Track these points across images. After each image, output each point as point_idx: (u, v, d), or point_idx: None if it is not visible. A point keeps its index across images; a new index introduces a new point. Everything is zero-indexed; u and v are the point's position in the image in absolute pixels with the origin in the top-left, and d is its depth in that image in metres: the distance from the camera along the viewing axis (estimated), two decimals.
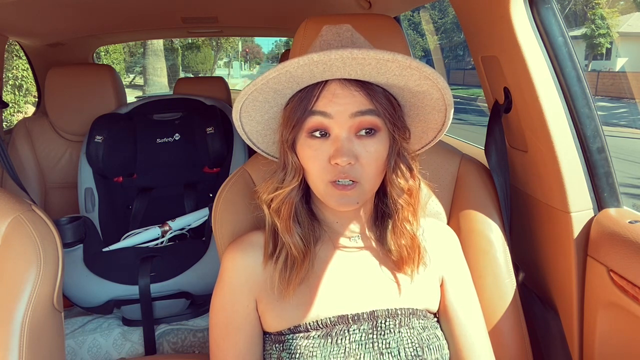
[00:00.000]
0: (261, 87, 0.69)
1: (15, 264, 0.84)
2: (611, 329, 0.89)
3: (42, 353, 0.85)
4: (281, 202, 0.74)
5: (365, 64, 0.65)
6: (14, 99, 6.44)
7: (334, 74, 0.67)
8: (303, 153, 0.71)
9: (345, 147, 0.67)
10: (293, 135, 0.72)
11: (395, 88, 0.71)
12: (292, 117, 0.71)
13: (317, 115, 0.69)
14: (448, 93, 0.70)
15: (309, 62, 0.63)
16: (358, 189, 0.69)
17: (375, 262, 0.79)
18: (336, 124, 0.68)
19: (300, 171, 0.73)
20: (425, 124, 0.77)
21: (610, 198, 0.94)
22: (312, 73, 0.66)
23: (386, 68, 0.66)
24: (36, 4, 1.60)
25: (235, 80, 21.45)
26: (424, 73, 0.67)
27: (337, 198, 0.69)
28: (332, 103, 0.68)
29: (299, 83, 0.69)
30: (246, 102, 0.72)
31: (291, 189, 0.74)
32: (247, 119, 0.76)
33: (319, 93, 0.69)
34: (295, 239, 0.74)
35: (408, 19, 7.41)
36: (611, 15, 16.19)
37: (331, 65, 0.64)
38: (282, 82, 0.68)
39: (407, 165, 0.74)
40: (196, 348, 1.58)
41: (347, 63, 0.64)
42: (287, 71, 0.65)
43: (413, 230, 0.77)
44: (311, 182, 0.73)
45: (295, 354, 0.72)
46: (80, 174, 1.85)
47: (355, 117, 0.68)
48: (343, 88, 0.68)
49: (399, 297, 0.77)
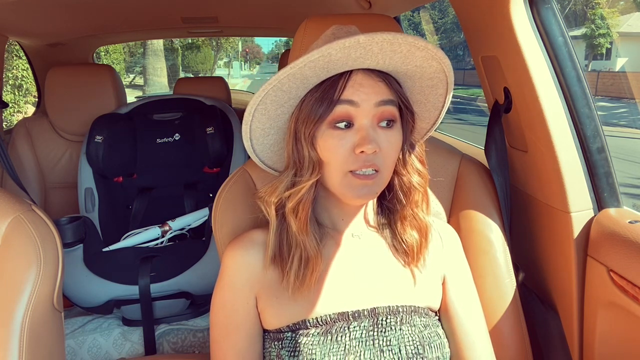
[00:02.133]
0: (293, 72, 0.67)
1: (15, 264, 0.84)
2: (611, 329, 0.89)
3: (42, 353, 0.85)
4: (299, 201, 0.73)
5: (397, 52, 0.67)
6: (14, 99, 6.44)
7: (365, 61, 0.68)
8: (325, 145, 0.70)
9: (371, 135, 0.69)
10: (314, 130, 0.71)
11: (409, 81, 0.75)
12: (314, 110, 0.70)
13: (344, 104, 0.69)
14: (451, 88, 0.75)
15: (354, 44, 0.64)
16: (378, 178, 0.70)
17: (377, 259, 0.79)
18: (362, 113, 0.69)
19: (319, 165, 0.72)
20: (426, 102, 0.79)
21: (610, 198, 0.94)
22: (348, 59, 0.67)
23: (413, 57, 0.68)
24: (36, 4, 1.60)
25: (235, 80, 21.44)
26: (443, 64, 0.71)
27: (358, 189, 0.70)
28: (358, 92, 0.69)
29: (328, 70, 0.69)
30: (271, 92, 0.69)
31: (311, 185, 0.72)
32: (260, 113, 0.73)
33: (345, 83, 0.70)
34: (311, 239, 0.74)
35: (408, 19, 7.40)
36: (611, 15, 16.19)
37: (369, 49, 0.65)
38: (316, 67, 0.67)
39: (417, 155, 0.77)
40: (196, 348, 1.58)
41: (384, 49, 0.66)
42: (329, 54, 0.65)
43: (425, 219, 0.78)
44: (329, 175, 0.72)
45: (294, 351, 0.72)
46: (80, 174, 1.85)
47: (379, 107, 0.70)
48: (367, 78, 0.70)
49: (400, 295, 0.77)
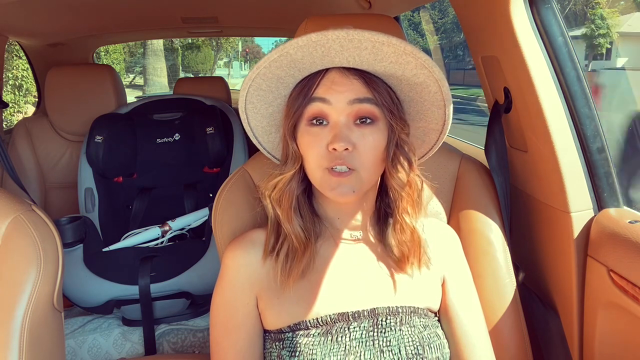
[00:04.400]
0: (264, 73, 0.70)
1: (15, 264, 0.84)
2: (611, 329, 0.89)
3: (42, 353, 0.85)
4: (282, 191, 0.75)
5: (362, 48, 0.66)
6: (14, 99, 6.45)
7: (332, 59, 0.69)
8: (302, 140, 0.72)
9: (343, 133, 0.69)
10: (293, 123, 0.73)
11: (393, 79, 0.72)
12: (293, 105, 0.73)
13: (317, 102, 0.71)
14: (445, 85, 0.71)
15: (307, 43, 0.65)
16: (354, 177, 0.70)
17: (377, 260, 0.79)
18: (334, 111, 0.70)
19: (299, 159, 0.74)
20: (425, 123, 0.78)
21: (610, 198, 0.94)
22: (312, 58, 0.68)
23: (383, 53, 0.67)
24: (36, 4, 1.60)
25: (235, 80, 21.41)
26: (420, 60, 0.68)
27: (334, 185, 0.70)
28: (331, 90, 0.70)
29: (300, 70, 0.71)
30: (250, 91, 0.73)
31: (291, 175, 0.75)
32: (252, 112, 0.77)
33: (319, 81, 0.71)
34: (296, 229, 0.75)
35: (408, 19, 7.40)
36: (611, 15, 16.18)
37: (329, 47, 0.66)
38: (283, 67, 0.70)
39: (406, 157, 0.74)
40: (196, 348, 1.58)
41: (344, 47, 0.66)
42: (287, 52, 0.67)
43: (412, 223, 0.76)
44: (309, 171, 0.74)
45: (295, 351, 0.72)
46: (80, 174, 1.85)
47: (353, 104, 0.70)
48: (342, 76, 0.70)
49: (400, 295, 0.77)
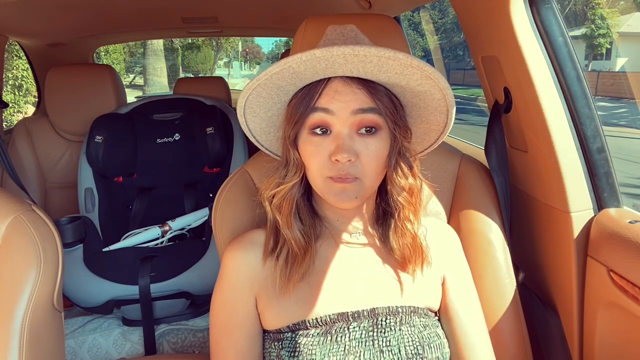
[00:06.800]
0: (265, 83, 0.69)
1: (15, 264, 0.84)
2: (611, 329, 0.89)
3: (42, 353, 0.85)
4: (282, 198, 0.75)
5: (367, 62, 0.65)
6: (14, 99, 6.45)
7: (336, 71, 0.67)
8: (304, 149, 0.72)
9: (346, 144, 0.68)
10: (295, 132, 0.72)
11: (397, 87, 0.72)
12: (294, 114, 0.72)
13: (319, 112, 0.70)
14: (449, 93, 0.71)
15: (311, 58, 0.64)
16: (357, 184, 0.70)
17: (377, 260, 0.79)
18: (337, 121, 0.69)
19: (302, 167, 0.73)
20: (427, 125, 0.78)
21: (610, 198, 0.94)
22: (315, 70, 0.67)
23: (387, 66, 0.66)
24: (36, 4, 1.60)
25: (235, 80, 21.43)
26: (425, 72, 0.67)
27: (336, 192, 0.70)
28: (334, 100, 0.69)
29: (302, 80, 0.70)
30: (250, 98, 0.72)
31: (292, 185, 0.74)
32: (251, 116, 0.76)
33: (322, 90, 0.70)
34: (296, 235, 0.74)
35: (408, 19, 7.39)
36: (611, 15, 16.18)
37: (333, 61, 0.65)
38: (285, 78, 0.69)
39: (407, 164, 0.74)
40: (196, 348, 1.58)
41: (349, 60, 0.65)
42: (290, 66, 0.66)
43: (414, 230, 0.77)
44: (311, 179, 0.74)
45: (294, 351, 0.72)
46: (80, 174, 1.85)
47: (356, 115, 0.69)
48: (345, 85, 0.69)
49: (400, 295, 0.77)
